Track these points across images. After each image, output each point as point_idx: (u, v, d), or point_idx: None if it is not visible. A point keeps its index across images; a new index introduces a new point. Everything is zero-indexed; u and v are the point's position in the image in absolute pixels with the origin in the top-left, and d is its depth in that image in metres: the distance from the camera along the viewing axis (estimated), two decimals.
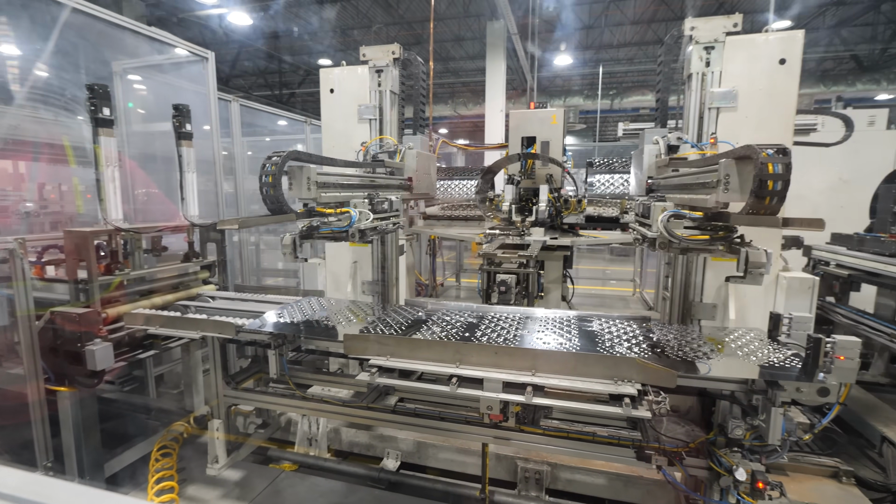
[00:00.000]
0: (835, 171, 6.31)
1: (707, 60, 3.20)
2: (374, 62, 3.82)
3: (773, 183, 1.56)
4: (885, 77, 13.61)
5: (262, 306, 3.16)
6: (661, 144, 2.85)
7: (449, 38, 15.92)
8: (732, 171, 1.79)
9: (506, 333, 2.52)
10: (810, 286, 3.30)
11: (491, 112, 11.15)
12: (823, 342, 2.09)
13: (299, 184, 2.31)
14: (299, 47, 16.34)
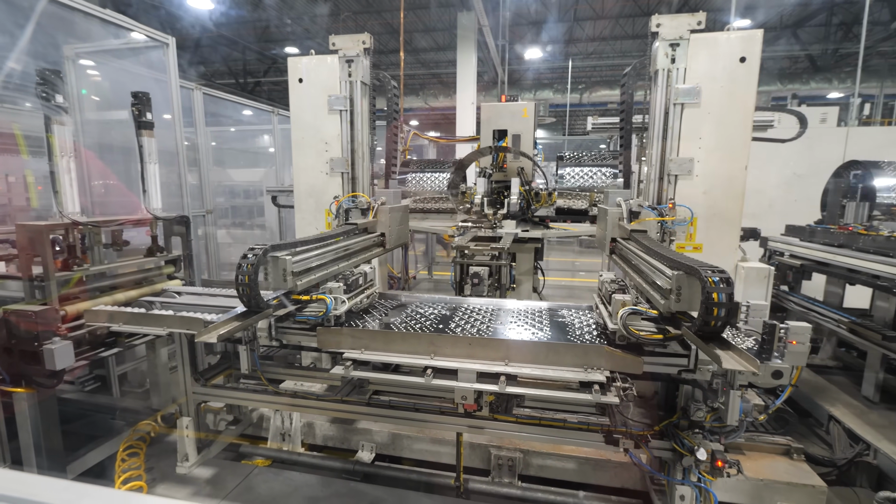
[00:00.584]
0: (789, 167, 6.65)
1: (672, 57, 3.31)
2: (344, 52, 3.77)
3: (717, 310, 1.76)
4: (836, 76, 14.37)
5: (232, 301, 3.11)
6: (623, 208, 3.01)
7: (419, 28, 15.81)
8: (684, 285, 1.95)
9: (479, 324, 2.58)
10: (766, 275, 3.49)
11: (462, 104, 11.17)
12: (777, 328, 2.23)
13: (276, 276, 2.31)
14: (265, 34, 15.89)
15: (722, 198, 3.43)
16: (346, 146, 3.89)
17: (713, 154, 3.36)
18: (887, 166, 4.48)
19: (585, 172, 4.86)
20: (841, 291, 4.23)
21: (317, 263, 2.53)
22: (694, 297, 1.94)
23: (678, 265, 1.99)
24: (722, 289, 1.76)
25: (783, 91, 14.45)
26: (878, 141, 6.81)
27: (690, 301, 1.96)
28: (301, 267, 2.37)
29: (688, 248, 3.53)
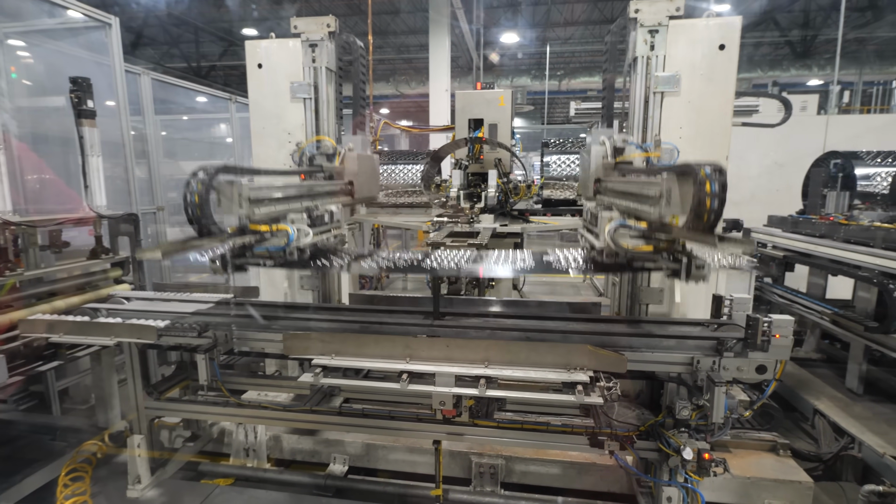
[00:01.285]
0: (770, 156, 6.87)
1: (651, 44, 3.37)
2: (307, 35, 3.70)
3: (710, 201, 1.70)
4: (816, 63, 14.96)
5: (188, 306, 3.01)
6: (607, 146, 3.01)
7: (389, 10, 15.64)
8: (673, 187, 1.93)
9: (457, 261, 2.52)
10: None
11: (435, 92, 11.13)
12: (761, 322, 2.30)
13: (230, 201, 2.20)
14: (221, 14, 15.44)
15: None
16: (310, 136, 3.81)
17: (694, 143, 3.42)
18: (866, 156, 4.68)
19: (573, 160, 4.91)
20: (823, 283, 4.40)
21: (277, 195, 2.44)
22: (685, 198, 1.89)
23: (667, 169, 1.99)
24: (714, 178, 1.71)
25: (764, 78, 14.96)
26: (858, 129, 7.11)
27: (682, 203, 1.91)
28: (258, 194, 2.26)
29: None
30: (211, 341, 2.61)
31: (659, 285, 3.70)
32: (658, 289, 3.70)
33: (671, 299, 3.65)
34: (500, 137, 4.74)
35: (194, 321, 2.65)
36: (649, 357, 2.37)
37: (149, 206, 5.27)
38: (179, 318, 2.73)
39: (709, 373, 2.31)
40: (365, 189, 3.56)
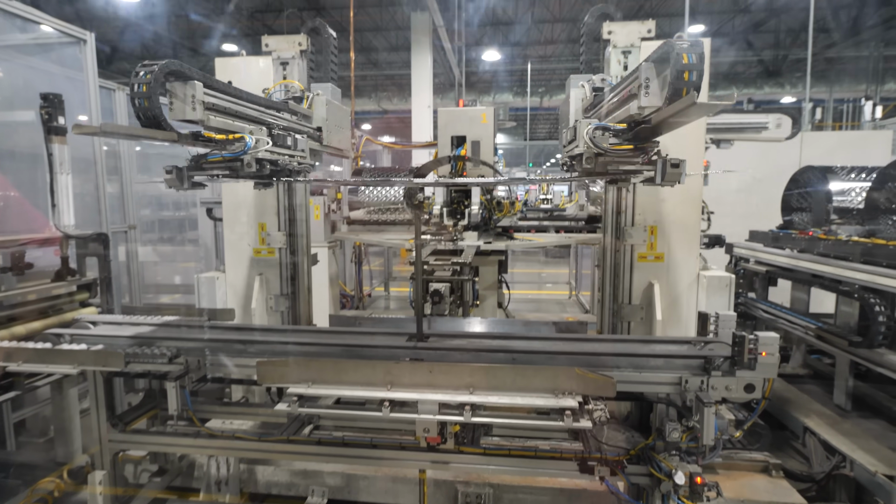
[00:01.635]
0: (749, 171, 7.01)
1: (625, 64, 3.44)
2: (278, 53, 3.70)
3: (688, 74, 1.66)
4: (788, 81, 15.48)
5: (158, 330, 2.88)
6: (586, 88, 2.97)
7: (370, 27, 15.76)
8: (651, 74, 1.91)
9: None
10: (727, 284, 3.62)
11: (418, 108, 11.17)
12: (747, 339, 2.28)
13: (182, 102, 2.06)
14: (200, 30, 15.36)
15: (680, 206, 3.56)
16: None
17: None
18: (840, 171, 4.78)
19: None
20: (806, 297, 4.44)
21: (235, 110, 2.31)
22: (664, 83, 1.86)
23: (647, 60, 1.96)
24: (692, 49, 1.67)
25: (739, 95, 15.38)
26: (830, 145, 7.32)
27: (661, 89, 1.88)
28: (214, 101, 2.14)
29: (649, 257, 3.63)
30: (182, 368, 2.49)
31: (640, 302, 3.70)
32: (639, 305, 3.70)
33: (652, 316, 3.65)
34: (483, 154, 4.72)
35: (165, 346, 2.53)
36: (637, 378, 2.33)
37: (120, 225, 5.12)
38: (149, 343, 2.61)
39: (697, 393, 2.27)
40: (335, 139, 3.49)
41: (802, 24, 13.35)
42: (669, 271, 3.64)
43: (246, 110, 2.48)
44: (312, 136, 3.25)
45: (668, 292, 3.64)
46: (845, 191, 4.71)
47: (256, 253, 3.94)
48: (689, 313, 3.69)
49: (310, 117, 3.30)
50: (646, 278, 3.65)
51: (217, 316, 3.18)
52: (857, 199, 4.59)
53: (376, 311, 8.01)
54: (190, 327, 2.95)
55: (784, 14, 13.73)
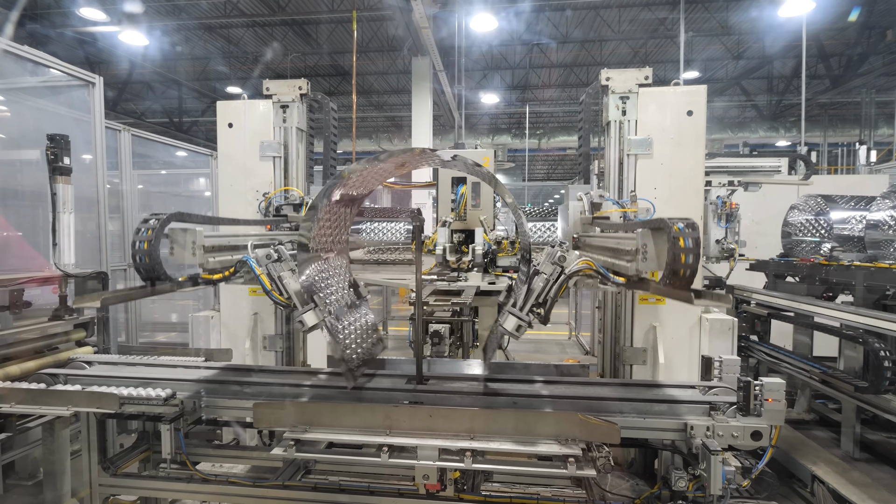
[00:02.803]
0: (748, 216, 7.13)
1: (623, 109, 3.60)
2: (278, 97, 3.88)
3: (685, 257, 1.72)
4: (783, 125, 15.93)
5: (154, 371, 2.87)
6: (584, 202, 3.12)
7: (372, 70, 16.34)
8: (648, 242, 1.99)
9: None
10: (730, 327, 3.63)
11: None
12: (753, 385, 2.28)
13: (182, 248, 2.15)
14: (205, 72, 15.91)
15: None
16: (280, 195, 3.89)
17: (668, 204, 3.58)
18: (840, 199, 4.88)
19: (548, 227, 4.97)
20: (809, 339, 4.44)
21: (234, 244, 2.35)
22: (660, 252, 1.90)
23: (642, 225, 1.99)
24: (687, 233, 1.72)
25: (734, 139, 15.82)
26: (827, 188, 7.45)
27: (658, 258, 1.93)
28: (214, 242, 2.18)
29: (650, 299, 3.66)
30: (177, 410, 2.47)
31: (642, 345, 3.71)
32: (641, 348, 3.71)
33: (654, 359, 3.65)
34: (483, 196, 4.82)
35: (160, 387, 2.53)
36: (641, 423, 2.31)
37: (120, 263, 5.16)
38: (144, 384, 2.60)
39: (704, 440, 2.25)
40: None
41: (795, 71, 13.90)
42: (671, 314, 3.67)
43: (246, 242, 2.53)
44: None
45: (671, 335, 3.65)
46: (846, 219, 4.77)
47: (252, 292, 3.97)
48: (692, 357, 3.68)
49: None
50: (647, 321, 3.67)
51: (213, 356, 3.17)
52: (857, 227, 4.64)
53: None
54: (186, 367, 2.93)
55: (777, 61, 14.30)
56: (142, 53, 13.15)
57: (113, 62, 13.95)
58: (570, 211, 3.17)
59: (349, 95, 12.50)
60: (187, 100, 17.16)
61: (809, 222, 4.79)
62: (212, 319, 3.99)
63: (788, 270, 4.39)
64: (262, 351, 3.97)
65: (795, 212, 5.01)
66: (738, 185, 5.02)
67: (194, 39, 13.72)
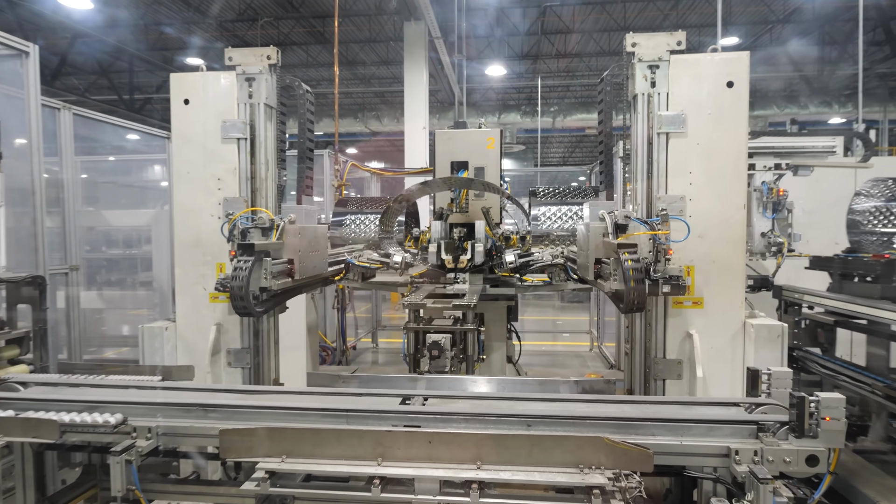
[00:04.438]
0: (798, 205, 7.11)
1: (652, 80, 3.57)
2: (243, 68, 3.84)
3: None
4: (836, 100, 15.91)
5: (101, 392, 2.85)
6: (607, 222, 3.10)
7: (357, 38, 16.30)
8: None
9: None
10: (779, 334, 3.60)
11: (411, 130, 11.44)
12: (807, 401, 2.27)
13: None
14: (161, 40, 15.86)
15: (719, 242, 3.59)
16: (244, 183, 3.88)
17: (704, 191, 3.56)
18: None
19: (564, 212, 4.97)
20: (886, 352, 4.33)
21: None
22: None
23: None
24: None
25: (780, 115, 15.81)
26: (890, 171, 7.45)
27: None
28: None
29: (686, 303, 3.64)
30: (129, 438, 2.45)
31: (677, 356, 3.69)
32: (676, 360, 3.68)
33: (691, 372, 3.63)
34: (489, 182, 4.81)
35: (108, 412, 2.50)
36: (678, 448, 2.29)
37: (60, 266, 5.12)
38: (90, 409, 2.57)
39: (751, 466, 2.24)
40: (308, 267, 3.66)
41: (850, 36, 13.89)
42: (710, 320, 3.65)
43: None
44: (283, 271, 3.42)
45: (710, 345, 3.63)
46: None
47: (213, 298, 3.95)
48: (734, 369, 3.66)
49: (280, 249, 3.42)
50: (683, 328, 3.65)
51: (172, 375, 3.15)
52: None
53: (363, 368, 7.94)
54: (139, 388, 2.91)
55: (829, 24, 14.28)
56: (86, 18, 13.07)
57: (51, 28, 13.88)
58: (590, 233, 3.16)
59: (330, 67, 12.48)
60: (140, 73, 17.10)
61: (880, 211, 4.72)
62: (166, 331, 3.96)
63: (859, 269, 4.32)
64: (227, 368, 3.95)
65: (861, 198, 4.93)
66: (785, 168, 5.01)
67: (147, 1, 13.67)
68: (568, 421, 2.42)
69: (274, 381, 4.07)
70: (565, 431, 2.32)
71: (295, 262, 3.41)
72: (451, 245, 4.53)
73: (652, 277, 3.11)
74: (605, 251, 3.13)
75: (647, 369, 3.73)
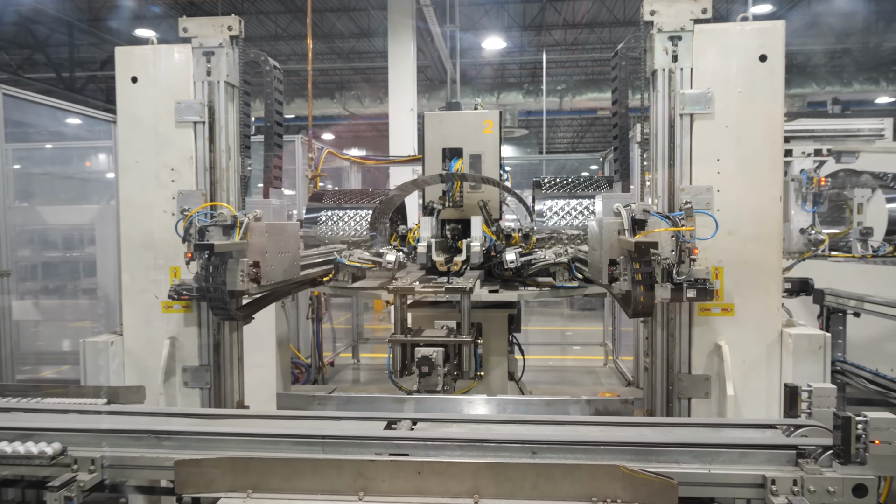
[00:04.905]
0: None
1: (674, 54, 3.58)
2: (200, 41, 3.82)
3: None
4: (884, 76, 16.03)
5: (37, 418, 2.84)
6: (623, 217, 3.09)
7: (335, 6, 16.29)
8: None
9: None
10: (821, 345, 3.62)
11: (397, 112, 11.44)
12: (854, 422, 2.28)
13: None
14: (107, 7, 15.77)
15: (752, 239, 3.60)
16: (202, 174, 3.87)
17: (735, 180, 3.57)
18: None
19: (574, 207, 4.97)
20: None
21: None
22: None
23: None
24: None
25: (820, 94, 15.92)
26: None
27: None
28: None
29: (714, 309, 3.65)
30: (70, 472, 2.44)
31: (704, 371, 3.70)
32: (703, 376, 3.69)
33: (720, 390, 3.64)
34: (488, 173, 4.82)
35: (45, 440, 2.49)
36: (705, 476, 2.30)
37: None
38: (23, 437, 2.56)
39: (790, 498, 2.25)
40: (278, 271, 3.64)
41: None
42: (742, 329, 3.66)
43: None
44: (250, 275, 3.40)
45: (742, 358, 3.65)
46: None
47: (167, 308, 3.94)
48: (770, 386, 3.68)
49: (244, 250, 3.40)
50: (710, 338, 3.66)
51: (119, 397, 3.14)
52: None
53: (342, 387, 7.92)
54: (82, 413, 2.90)
55: None
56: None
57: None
58: (603, 229, 3.15)
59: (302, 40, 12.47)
60: (82, 48, 17.01)
61: None
62: (112, 346, 3.94)
63: None
64: (183, 388, 3.94)
65: None
66: (827, 154, 5.05)
67: None
68: (579, 447, 2.42)
69: (238, 404, 4.06)
70: (576, 459, 2.32)
71: (261, 264, 3.39)
72: (444, 244, 4.53)
73: (675, 281, 3.11)
74: (621, 251, 3.13)
75: (669, 387, 3.74)
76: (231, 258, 3.31)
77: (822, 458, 2.31)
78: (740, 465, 2.32)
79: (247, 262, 3.37)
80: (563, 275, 4.41)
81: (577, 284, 4.39)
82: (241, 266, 3.28)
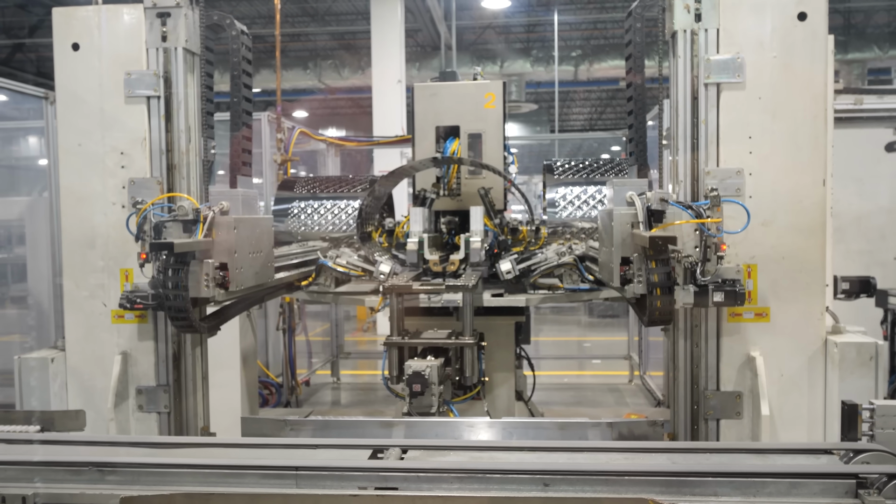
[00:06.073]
0: None
1: (697, 12, 3.55)
2: (154, 1, 3.80)
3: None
4: None
5: None
6: (637, 207, 3.09)
7: None
8: None
9: None
10: (871, 355, 3.61)
11: (382, 83, 11.44)
12: None
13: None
14: None
15: (791, 231, 3.59)
16: (158, 158, 3.88)
17: (770, 162, 3.56)
18: None
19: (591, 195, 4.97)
20: None
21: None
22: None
23: None
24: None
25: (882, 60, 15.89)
26: None
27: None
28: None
29: (746, 314, 3.63)
30: None
31: (734, 387, 3.70)
32: (734, 393, 3.69)
33: (755, 410, 3.64)
34: (489, 154, 4.82)
35: None
36: None
37: None
38: None
39: None
40: (249, 273, 3.66)
41: None
42: (779, 337, 3.66)
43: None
44: (216, 279, 3.42)
45: (779, 370, 3.65)
46: None
47: (117, 318, 3.94)
48: (813, 403, 3.68)
49: (209, 249, 3.42)
50: (742, 349, 3.67)
51: (55, 423, 3.14)
52: None
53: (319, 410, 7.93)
54: (10, 443, 2.90)
55: None
56: None
57: None
58: (614, 221, 3.14)
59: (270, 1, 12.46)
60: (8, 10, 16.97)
61: None
62: (52, 363, 3.95)
63: None
64: (137, 413, 3.94)
65: None
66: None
67: None
68: (599, 478, 2.44)
69: (203, 431, 4.06)
70: (596, 492, 2.33)
71: (229, 266, 3.39)
72: (438, 240, 4.53)
73: (699, 282, 3.11)
74: (635, 247, 3.13)
75: (694, 406, 3.74)
76: (193, 259, 3.33)
77: (886, 489, 2.32)
78: (790, 498, 2.33)
79: (212, 263, 3.39)
80: (570, 276, 4.43)
81: (589, 287, 4.39)
82: (205, 268, 3.29)
